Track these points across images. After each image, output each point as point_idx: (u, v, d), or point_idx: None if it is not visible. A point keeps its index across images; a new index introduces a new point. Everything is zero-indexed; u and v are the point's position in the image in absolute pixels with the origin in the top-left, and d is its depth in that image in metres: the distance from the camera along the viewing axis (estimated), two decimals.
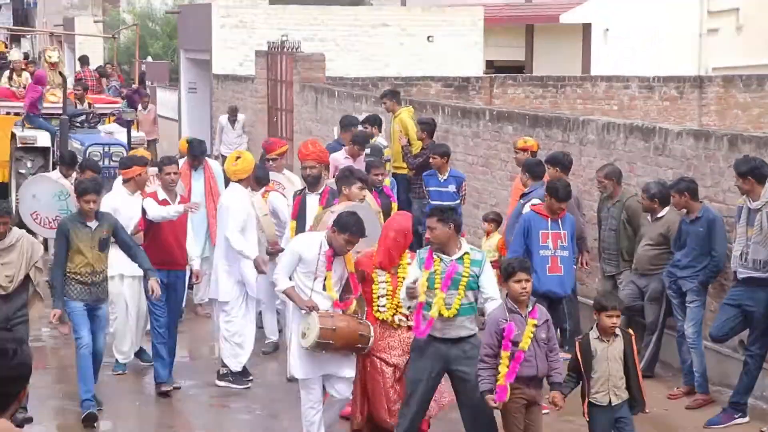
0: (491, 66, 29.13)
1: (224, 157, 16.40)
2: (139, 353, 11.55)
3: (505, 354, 7.85)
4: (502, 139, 14.51)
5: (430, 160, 13.60)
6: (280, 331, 12.18)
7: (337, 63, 24.07)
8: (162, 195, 10.71)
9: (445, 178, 13.45)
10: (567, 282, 10.37)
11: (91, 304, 9.85)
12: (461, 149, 15.25)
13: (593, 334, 8.13)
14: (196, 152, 13.19)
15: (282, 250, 11.57)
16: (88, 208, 9.80)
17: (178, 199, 10.87)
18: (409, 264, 8.69)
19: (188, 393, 10.75)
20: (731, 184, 10.34)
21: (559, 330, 10.20)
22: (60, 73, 20.46)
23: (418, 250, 8.49)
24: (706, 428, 9.81)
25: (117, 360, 11.27)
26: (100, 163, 16.77)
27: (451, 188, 13.41)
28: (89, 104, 20.90)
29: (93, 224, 9.84)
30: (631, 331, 8.34)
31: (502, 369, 7.85)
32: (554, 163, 11.76)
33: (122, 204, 11.12)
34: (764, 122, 23.20)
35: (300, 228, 10.81)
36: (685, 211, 10.39)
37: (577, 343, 8.20)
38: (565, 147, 13.02)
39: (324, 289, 8.75)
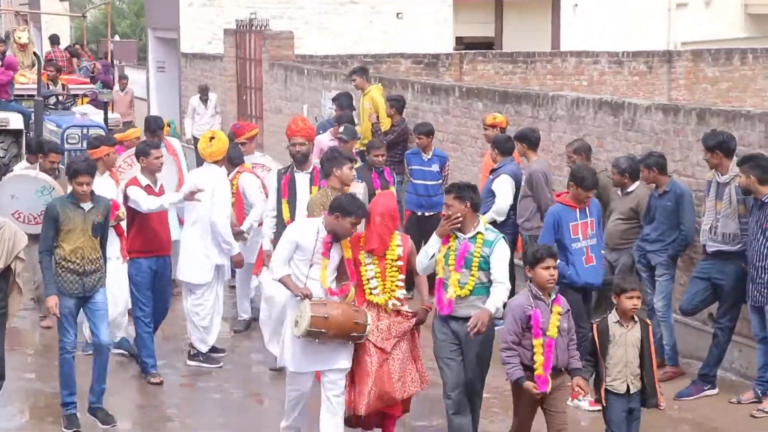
0: (461, 42, 29.07)
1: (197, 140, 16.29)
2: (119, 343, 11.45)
3: (537, 342, 7.70)
4: (472, 116, 14.51)
5: (416, 140, 13.48)
6: (254, 309, 12.21)
7: (306, 41, 24.01)
8: (144, 181, 10.45)
9: (429, 157, 13.36)
10: (600, 270, 10.00)
11: (85, 295, 9.26)
12: None
13: (612, 318, 7.94)
14: (153, 127, 13.07)
15: (241, 232, 11.56)
16: (82, 191, 9.14)
17: (159, 184, 10.63)
18: (398, 246, 8.51)
19: (159, 372, 10.69)
20: (700, 158, 10.38)
21: None
22: (34, 53, 20.26)
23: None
24: (676, 400, 9.88)
25: (86, 340, 11.20)
26: (78, 145, 16.63)
27: (435, 168, 13.32)
28: (63, 85, 20.67)
29: (87, 206, 9.21)
30: (648, 321, 8.14)
31: (537, 358, 7.71)
32: (522, 140, 11.78)
33: None
34: (732, 96, 23.31)
35: (292, 207, 10.56)
36: (654, 185, 10.42)
37: (594, 326, 7.98)
38: (534, 123, 13.03)
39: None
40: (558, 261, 9.39)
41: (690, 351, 10.74)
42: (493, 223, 11.09)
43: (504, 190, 11.79)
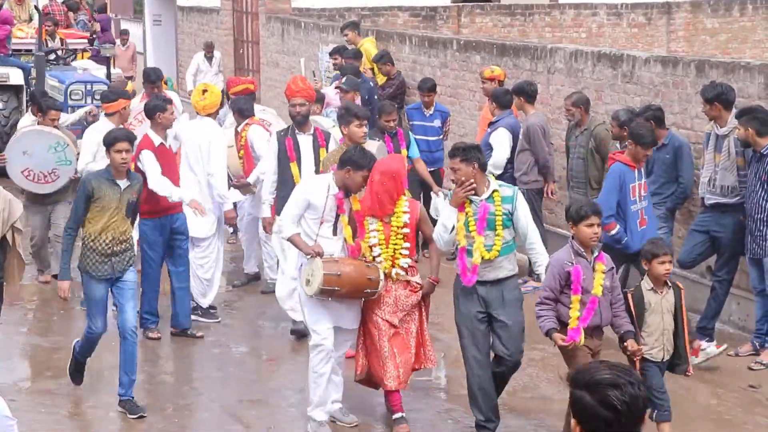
0: None
1: None
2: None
3: (575, 298, 7.45)
4: (470, 69, 14.44)
5: (424, 98, 13.36)
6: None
7: None
8: (157, 140, 10.23)
9: (431, 112, 13.29)
10: (653, 232, 9.66)
11: (113, 277, 8.68)
12: None
13: (646, 285, 7.71)
14: (153, 78, 13.00)
15: (248, 184, 11.51)
16: (121, 159, 8.51)
17: (169, 141, 10.47)
18: (405, 212, 8.21)
19: (159, 329, 10.70)
20: (699, 110, 10.35)
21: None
22: (36, 8, 20.08)
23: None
24: None
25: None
26: (82, 102, 16.52)
27: (436, 123, 13.24)
28: (61, 40, 20.50)
29: (123, 183, 8.61)
30: (680, 284, 7.93)
31: (573, 313, 7.46)
32: (519, 93, 11.76)
33: None
34: (732, 48, 23.19)
35: (300, 169, 10.36)
36: None
37: (629, 295, 7.73)
38: (533, 76, 12.97)
39: (334, 234, 8.34)
40: (618, 228, 9.31)
41: (688, 304, 10.62)
42: None
43: (501, 143, 11.76)
